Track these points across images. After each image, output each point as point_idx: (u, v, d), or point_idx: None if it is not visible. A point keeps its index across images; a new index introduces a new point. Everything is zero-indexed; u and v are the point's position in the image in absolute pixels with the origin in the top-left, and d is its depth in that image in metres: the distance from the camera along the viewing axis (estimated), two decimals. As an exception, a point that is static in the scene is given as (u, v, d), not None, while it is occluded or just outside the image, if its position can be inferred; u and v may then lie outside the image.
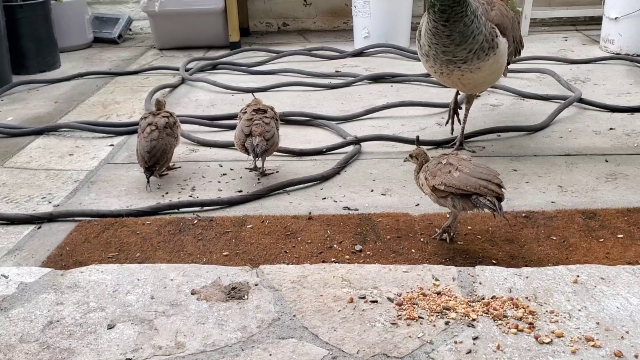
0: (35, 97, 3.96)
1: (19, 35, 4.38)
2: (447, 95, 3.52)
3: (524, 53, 4.39)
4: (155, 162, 2.53)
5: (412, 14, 4.77)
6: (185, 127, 3.16)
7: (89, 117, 3.51)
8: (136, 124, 2.78)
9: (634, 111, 3.29)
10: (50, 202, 2.50)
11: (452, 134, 2.96)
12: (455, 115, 2.98)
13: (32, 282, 1.85)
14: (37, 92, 4.07)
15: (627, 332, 1.55)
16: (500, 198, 1.89)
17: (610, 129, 3.08)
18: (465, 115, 2.89)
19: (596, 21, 5.00)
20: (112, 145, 3.10)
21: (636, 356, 1.48)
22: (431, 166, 2.04)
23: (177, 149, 2.71)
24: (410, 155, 2.14)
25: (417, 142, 2.24)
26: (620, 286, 1.74)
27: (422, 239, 2.10)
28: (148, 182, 2.56)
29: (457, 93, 2.96)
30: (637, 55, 4.30)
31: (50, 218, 2.35)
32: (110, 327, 1.64)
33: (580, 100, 3.37)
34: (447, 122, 3.01)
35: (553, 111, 3.21)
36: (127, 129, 3.23)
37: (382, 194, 2.48)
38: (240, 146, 2.57)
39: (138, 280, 1.85)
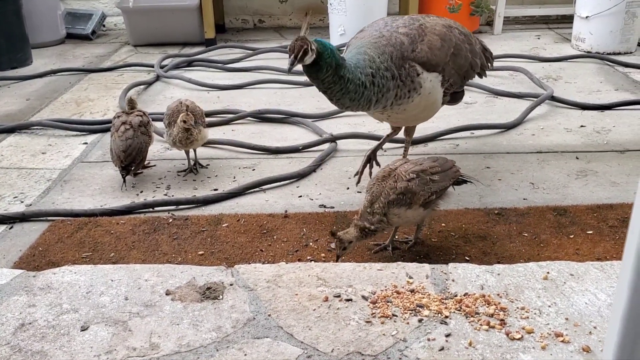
0: (6, 94, 3.90)
1: (-11, 31, 4.31)
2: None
3: (497, 51, 4.48)
4: (132, 161, 2.51)
5: (387, 12, 4.79)
6: (160, 125, 3.14)
7: (62, 114, 3.47)
8: (111, 121, 2.75)
9: (604, 109, 3.36)
10: (22, 202, 2.47)
11: (357, 184, 2.52)
12: (368, 165, 2.56)
13: (3, 284, 1.83)
14: (8, 89, 4.00)
15: (595, 328, 1.59)
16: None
17: (581, 126, 3.14)
18: (406, 149, 2.59)
19: (568, 20, 5.08)
20: (85, 143, 3.06)
21: (602, 350, 1.51)
22: (392, 196, 1.90)
23: (151, 147, 2.69)
24: (344, 249, 1.92)
25: (333, 235, 1.92)
26: (589, 282, 1.78)
27: (396, 237, 2.12)
28: (124, 181, 2.54)
29: (382, 143, 2.62)
30: (607, 54, 4.39)
31: (23, 218, 2.32)
32: (83, 328, 1.63)
33: (552, 98, 3.43)
34: (356, 173, 2.55)
35: (525, 109, 3.26)
36: (101, 127, 3.20)
37: (357, 192, 2.50)
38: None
39: (112, 281, 1.84)
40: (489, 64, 2.65)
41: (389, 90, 2.18)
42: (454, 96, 2.48)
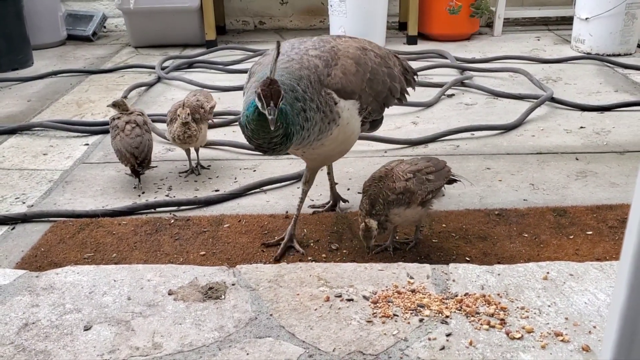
0: (8, 95, 3.91)
1: (-10, 32, 4.32)
2: (427, 93, 3.56)
3: (497, 52, 4.50)
4: (145, 158, 2.52)
5: (387, 13, 4.80)
6: (161, 126, 3.15)
7: (63, 116, 3.48)
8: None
9: (603, 110, 3.37)
10: (24, 203, 2.48)
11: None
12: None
13: (6, 284, 1.84)
14: (9, 90, 4.02)
15: (594, 327, 1.60)
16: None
17: (581, 127, 3.15)
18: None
19: (567, 21, 5.09)
20: (87, 144, 3.08)
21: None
22: (391, 196, 1.92)
23: (152, 148, 2.70)
24: (371, 238, 1.93)
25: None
26: (588, 282, 1.79)
27: (396, 237, 2.13)
28: (139, 180, 2.56)
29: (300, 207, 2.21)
30: (607, 55, 4.40)
31: (25, 219, 2.33)
32: (86, 328, 1.64)
33: (552, 100, 3.44)
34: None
35: (525, 110, 3.27)
36: (102, 128, 3.21)
37: (358, 192, 2.51)
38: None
39: (114, 281, 1.85)
40: (411, 86, 2.32)
41: (316, 123, 1.89)
42: (372, 124, 2.21)
